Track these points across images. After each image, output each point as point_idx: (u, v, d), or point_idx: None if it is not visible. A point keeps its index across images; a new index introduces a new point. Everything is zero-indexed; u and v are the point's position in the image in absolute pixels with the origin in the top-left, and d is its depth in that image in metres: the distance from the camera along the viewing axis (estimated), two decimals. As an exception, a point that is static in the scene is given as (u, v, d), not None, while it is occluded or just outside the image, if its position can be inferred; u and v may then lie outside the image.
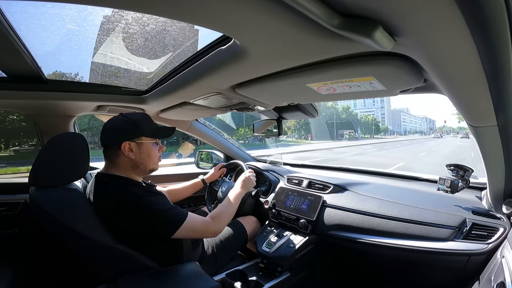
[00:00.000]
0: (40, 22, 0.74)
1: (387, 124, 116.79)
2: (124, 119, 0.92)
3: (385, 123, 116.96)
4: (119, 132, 0.91)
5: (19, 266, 1.25)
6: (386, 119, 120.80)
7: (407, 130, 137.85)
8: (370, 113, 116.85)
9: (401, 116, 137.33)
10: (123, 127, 0.91)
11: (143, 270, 0.84)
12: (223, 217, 0.99)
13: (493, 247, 0.80)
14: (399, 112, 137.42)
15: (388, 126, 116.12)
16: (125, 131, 0.91)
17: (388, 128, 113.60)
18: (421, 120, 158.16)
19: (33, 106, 1.21)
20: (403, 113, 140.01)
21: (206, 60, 0.76)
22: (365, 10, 0.39)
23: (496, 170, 0.83)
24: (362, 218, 1.09)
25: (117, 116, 0.94)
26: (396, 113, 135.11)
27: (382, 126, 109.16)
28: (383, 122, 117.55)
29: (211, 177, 1.51)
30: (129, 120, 0.92)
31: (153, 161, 0.97)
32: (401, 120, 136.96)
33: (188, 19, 0.49)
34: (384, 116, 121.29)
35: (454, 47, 0.43)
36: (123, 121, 0.92)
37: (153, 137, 0.95)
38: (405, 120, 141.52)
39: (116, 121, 0.93)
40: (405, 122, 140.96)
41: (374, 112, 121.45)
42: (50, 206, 0.78)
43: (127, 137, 0.90)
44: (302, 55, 0.61)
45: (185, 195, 1.43)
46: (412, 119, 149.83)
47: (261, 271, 1.17)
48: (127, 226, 0.84)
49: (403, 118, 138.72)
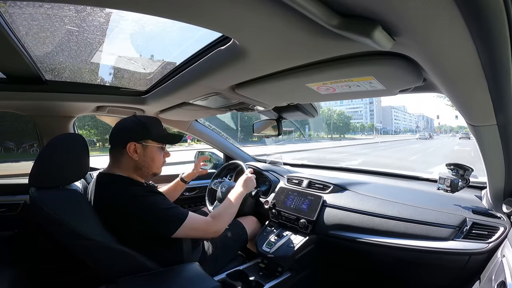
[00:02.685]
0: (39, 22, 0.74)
1: (374, 122, 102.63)
2: (135, 120, 0.94)
3: (373, 121, 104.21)
4: (127, 132, 0.93)
5: (19, 267, 1.25)
6: (375, 116, 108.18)
7: (401, 129, 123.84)
8: (356, 109, 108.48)
9: (392, 113, 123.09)
10: (131, 127, 0.93)
11: (143, 270, 0.84)
12: (224, 217, 0.99)
13: (493, 246, 0.80)
14: (390, 109, 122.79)
15: (375, 123, 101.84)
16: (133, 131, 0.92)
17: (375, 126, 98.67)
18: (417, 118, 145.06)
19: (33, 107, 1.21)
20: (395, 109, 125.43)
21: (206, 60, 0.76)
22: (365, 10, 0.39)
23: (496, 169, 0.83)
24: (362, 218, 1.09)
25: (129, 117, 0.97)
26: (387, 110, 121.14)
27: (368, 124, 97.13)
28: (372, 119, 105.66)
29: (190, 175, 1.39)
30: (139, 122, 0.94)
31: (156, 166, 0.98)
32: (393, 118, 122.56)
33: (188, 20, 0.49)
34: (373, 113, 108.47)
35: (454, 47, 0.43)
36: (133, 122, 0.94)
37: (159, 141, 0.96)
38: (398, 117, 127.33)
39: (127, 121, 0.95)
40: (398, 120, 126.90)
41: (361, 108, 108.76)
42: (50, 207, 0.78)
43: (133, 138, 0.91)
44: (302, 55, 0.61)
45: (174, 197, 1.37)
46: (406, 116, 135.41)
47: (261, 271, 1.17)
48: (127, 226, 0.84)
49: (395, 115, 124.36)
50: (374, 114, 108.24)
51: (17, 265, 1.25)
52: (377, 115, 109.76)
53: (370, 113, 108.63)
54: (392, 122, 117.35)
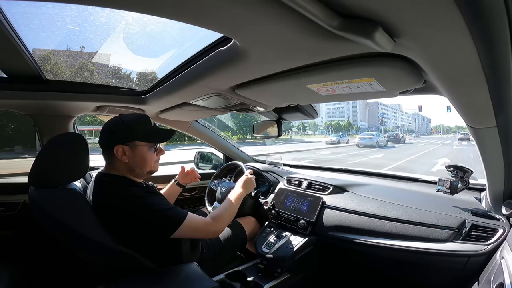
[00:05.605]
0: (40, 22, 0.75)
1: (358, 120, 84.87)
2: (118, 121, 0.90)
3: (356, 119, 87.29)
4: (112, 134, 0.89)
5: (18, 266, 1.24)
6: (359, 114, 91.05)
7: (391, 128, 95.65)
8: (338, 107, 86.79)
9: (379, 110, 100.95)
10: (116, 129, 0.89)
11: (142, 270, 0.84)
12: (223, 217, 0.98)
13: (492, 248, 0.80)
14: (377, 105, 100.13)
15: (358, 122, 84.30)
16: (117, 133, 0.89)
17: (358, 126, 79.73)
18: (411, 117, 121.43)
19: (33, 106, 1.21)
20: (382, 106, 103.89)
21: (206, 61, 0.76)
22: (365, 11, 0.39)
23: (495, 171, 0.83)
24: (362, 219, 1.09)
25: (114, 118, 0.93)
26: (373, 106, 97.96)
27: (344, 122, 77.29)
28: (355, 116, 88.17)
29: (185, 180, 1.36)
30: (122, 123, 0.89)
31: (149, 165, 0.94)
32: (379, 116, 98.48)
33: (189, 20, 0.49)
34: (356, 109, 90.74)
35: (454, 49, 0.43)
36: (117, 123, 0.90)
37: (147, 141, 0.91)
38: (387, 115, 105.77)
39: (111, 123, 0.91)
40: (387, 119, 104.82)
41: (343, 105, 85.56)
42: (49, 207, 0.78)
43: (119, 140, 0.88)
44: (302, 56, 0.62)
45: (171, 201, 1.33)
46: (397, 114, 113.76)
47: (260, 272, 1.17)
48: (126, 226, 0.84)
49: (383, 113, 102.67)
50: (357, 111, 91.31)
51: (16, 264, 1.24)
52: (361, 113, 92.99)
53: (353, 110, 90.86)
54: (378, 120, 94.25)
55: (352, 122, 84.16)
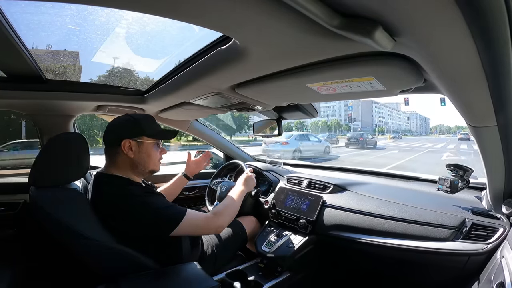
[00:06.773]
0: (40, 22, 0.74)
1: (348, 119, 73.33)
2: (127, 118, 0.94)
3: (343, 117, 78.07)
4: (120, 129, 0.92)
5: (18, 266, 1.25)
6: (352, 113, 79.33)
7: (386, 128, 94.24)
8: (330, 105, 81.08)
9: (372, 108, 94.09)
10: (125, 125, 0.93)
11: (142, 270, 0.84)
12: (225, 212, 0.98)
13: (492, 247, 0.80)
14: (371, 103, 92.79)
15: (339, 120, 74.27)
16: (126, 128, 0.92)
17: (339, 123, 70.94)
18: (408, 117, 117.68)
19: (33, 106, 1.21)
20: (376, 105, 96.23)
21: (206, 60, 0.76)
22: (365, 10, 0.39)
23: (495, 170, 0.83)
24: (362, 218, 1.09)
25: (122, 115, 0.96)
26: (366, 104, 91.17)
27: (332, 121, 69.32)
28: (347, 115, 77.39)
29: (193, 170, 1.40)
30: (131, 119, 0.93)
31: (153, 162, 0.97)
32: (373, 115, 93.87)
33: (188, 19, 0.49)
34: (347, 108, 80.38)
35: (454, 47, 0.43)
36: (126, 119, 0.94)
37: (154, 137, 0.95)
38: (381, 114, 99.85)
39: (120, 119, 0.95)
40: (382, 117, 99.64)
41: (334, 103, 76.55)
42: (49, 206, 0.78)
43: (127, 135, 0.90)
44: (302, 55, 0.61)
45: (175, 194, 1.39)
46: (393, 113, 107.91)
47: (260, 271, 1.17)
48: (126, 226, 0.84)
49: (376, 112, 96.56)
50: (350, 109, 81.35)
51: (16, 264, 1.25)
52: (354, 111, 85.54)
53: (344, 109, 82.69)
54: (372, 121, 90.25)
55: (343, 121, 77.13)
